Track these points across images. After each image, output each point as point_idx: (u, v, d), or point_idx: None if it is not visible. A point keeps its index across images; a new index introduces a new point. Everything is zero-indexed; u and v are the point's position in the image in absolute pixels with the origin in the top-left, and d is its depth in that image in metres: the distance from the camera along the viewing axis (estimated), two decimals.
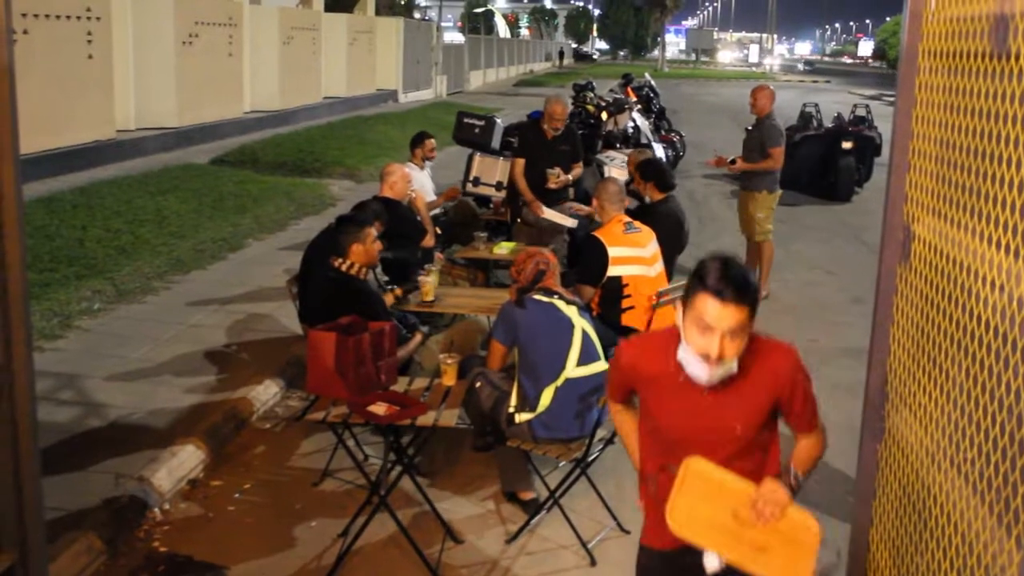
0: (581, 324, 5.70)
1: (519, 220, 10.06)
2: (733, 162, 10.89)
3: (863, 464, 3.84)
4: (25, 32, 14.13)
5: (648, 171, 9.27)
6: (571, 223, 9.76)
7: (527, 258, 5.88)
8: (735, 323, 3.11)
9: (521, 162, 9.95)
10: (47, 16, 14.61)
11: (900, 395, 3.62)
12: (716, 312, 3.11)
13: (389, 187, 8.32)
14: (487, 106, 27.96)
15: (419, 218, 8.81)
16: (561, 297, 5.79)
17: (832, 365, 8.44)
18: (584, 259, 7.57)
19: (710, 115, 13.31)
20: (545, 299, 5.72)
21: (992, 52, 2.84)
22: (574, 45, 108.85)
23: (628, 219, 7.58)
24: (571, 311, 5.72)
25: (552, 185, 9.75)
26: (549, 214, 9.70)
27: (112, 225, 11.28)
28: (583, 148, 10.50)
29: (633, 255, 7.32)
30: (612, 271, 7.25)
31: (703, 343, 3.15)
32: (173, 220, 12.03)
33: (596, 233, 7.47)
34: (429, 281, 7.38)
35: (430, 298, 7.37)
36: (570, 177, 9.93)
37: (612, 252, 7.25)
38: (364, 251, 6.33)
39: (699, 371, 3.21)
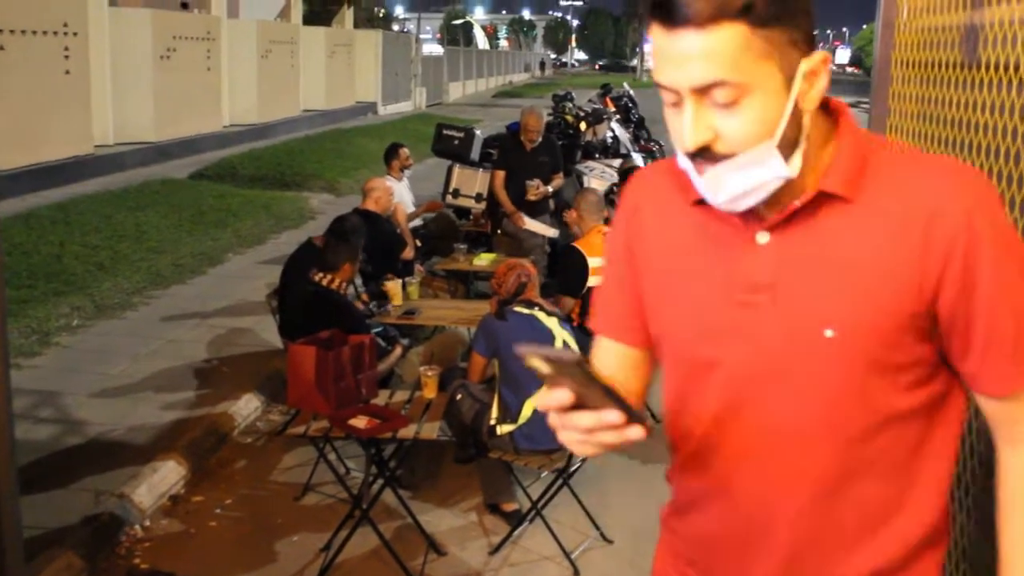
0: (562, 335, 5.71)
1: (499, 231, 10.09)
2: None
3: None
4: (1, 48, 14.09)
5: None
6: (553, 233, 9.80)
7: (508, 270, 5.89)
8: (714, 64, 1.55)
9: (501, 174, 9.97)
10: (23, 32, 14.57)
11: None
12: (668, 50, 1.60)
13: (374, 201, 8.33)
14: (466, 118, 28.01)
15: (399, 230, 8.82)
16: (542, 309, 5.81)
17: None
18: (564, 270, 7.58)
19: None
20: (526, 311, 5.73)
21: (963, 62, 2.87)
22: (553, 56, 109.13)
23: (607, 228, 7.60)
24: (552, 322, 5.73)
25: (531, 197, 9.78)
26: (531, 224, 9.73)
27: (91, 241, 11.25)
28: (563, 159, 10.53)
29: None
30: (592, 282, 7.27)
31: (675, 126, 1.71)
32: (152, 235, 11.99)
33: (576, 244, 7.49)
34: (391, 286, 7.44)
35: (397, 302, 7.39)
36: (550, 188, 9.95)
37: (592, 263, 7.27)
38: (353, 269, 6.40)
39: (698, 187, 1.71)
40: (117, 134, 18.50)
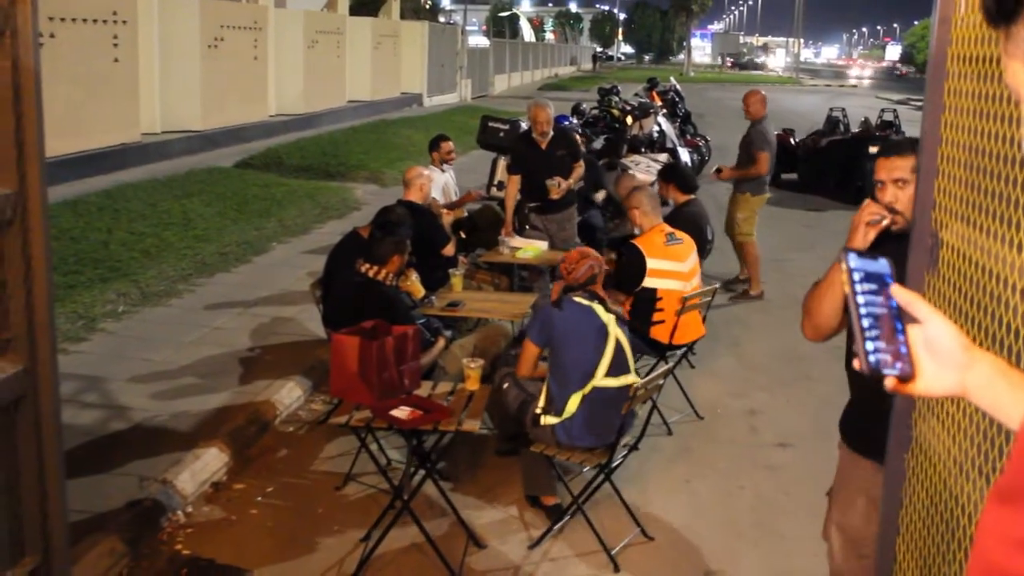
0: (616, 333, 5.68)
1: (527, 227, 9.96)
2: (719, 171, 10.95)
3: (890, 473, 3.82)
4: (52, 36, 14.24)
5: (670, 174, 9.29)
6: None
7: (581, 258, 5.84)
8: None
9: (516, 179, 9.69)
10: (73, 20, 14.73)
11: (927, 403, 3.60)
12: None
13: (418, 189, 8.30)
14: (512, 110, 27.96)
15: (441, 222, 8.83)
16: (602, 302, 5.77)
17: None
18: (621, 264, 7.58)
19: (736, 119, 13.25)
20: (585, 302, 5.71)
21: None
22: (599, 49, 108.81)
23: (670, 229, 7.55)
24: (609, 319, 5.70)
25: (554, 195, 9.49)
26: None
27: (137, 228, 11.35)
28: (580, 147, 10.22)
29: (672, 269, 7.32)
30: (648, 282, 7.27)
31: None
32: (198, 223, 12.09)
33: (637, 242, 7.45)
34: (457, 274, 7.47)
35: (458, 290, 7.41)
36: (571, 181, 9.64)
37: (651, 264, 7.25)
38: (401, 262, 6.40)
39: None
40: (164, 122, 18.67)
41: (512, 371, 5.90)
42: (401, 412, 5.22)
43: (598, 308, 5.71)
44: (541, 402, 5.63)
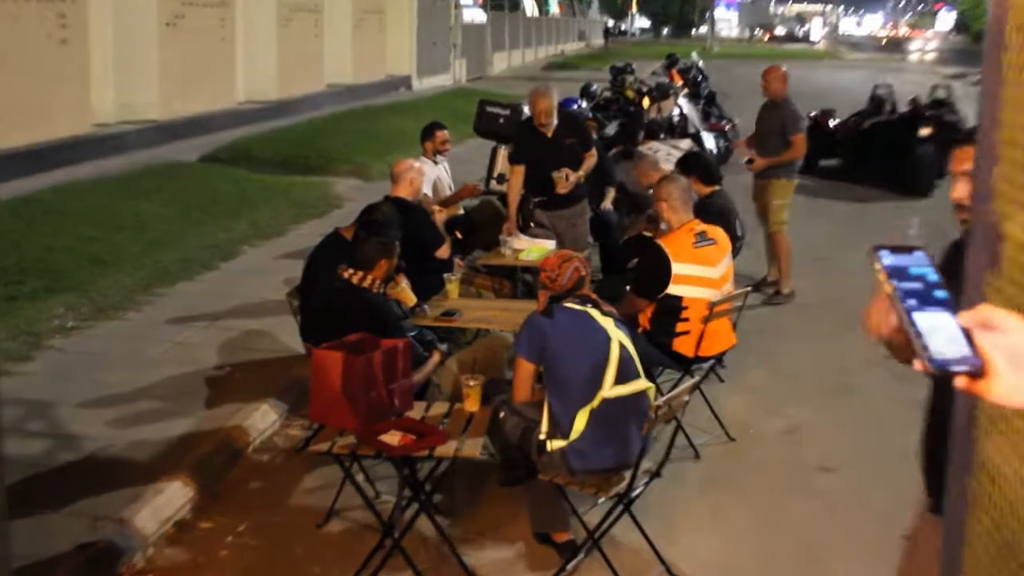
0: (618, 337, 5.68)
1: (532, 224, 9.94)
2: (750, 162, 10.97)
3: (952, 498, 3.79)
4: None
5: (690, 163, 9.27)
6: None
7: (562, 262, 5.85)
8: None
9: (519, 170, 9.63)
10: None
11: (991, 419, 3.57)
12: None
13: (408, 184, 8.30)
14: (513, 93, 27.95)
15: (434, 221, 8.82)
16: (596, 306, 5.77)
17: (909, 382, 8.36)
18: (643, 268, 7.57)
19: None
20: (578, 307, 5.70)
21: None
22: (611, 23, 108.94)
23: (701, 227, 7.50)
24: (607, 322, 5.70)
25: (562, 190, 9.40)
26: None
27: (88, 231, 11.34)
28: (591, 134, 10.16)
29: (700, 275, 7.27)
30: (673, 290, 7.23)
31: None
32: (157, 225, 12.08)
33: (662, 242, 7.42)
34: (453, 280, 7.43)
35: (454, 297, 7.39)
36: (581, 173, 9.57)
37: (677, 268, 7.22)
38: (389, 266, 6.40)
39: None
40: (119, 111, 18.65)
41: (507, 398, 5.88)
42: (391, 437, 5.21)
43: (593, 312, 5.71)
44: (544, 426, 5.60)
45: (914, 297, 1.73)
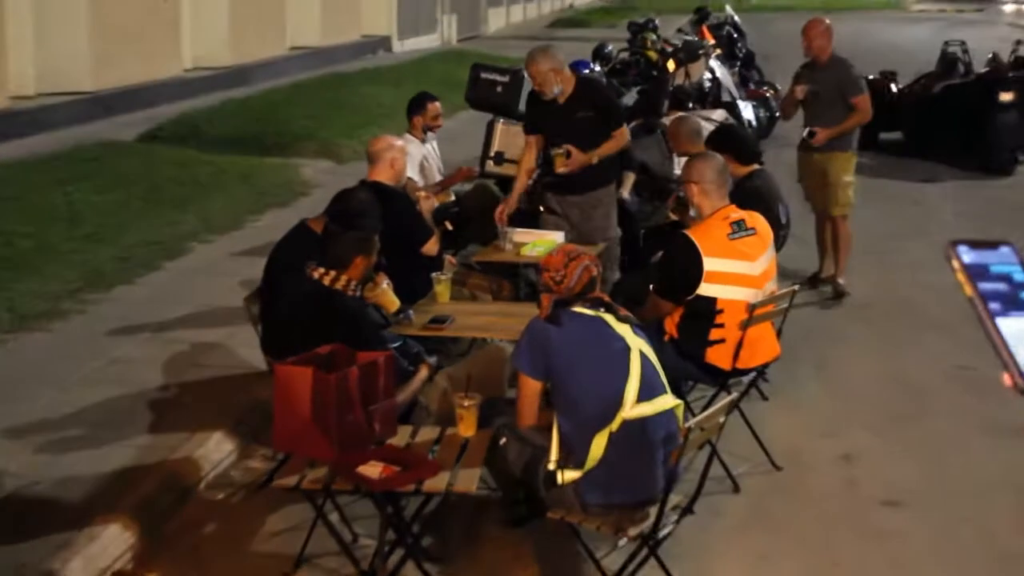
0: (639, 345, 5.68)
1: (543, 209, 9.90)
2: (812, 135, 10.94)
3: None
4: None
5: (724, 138, 9.22)
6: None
7: (568, 260, 5.81)
8: None
9: (534, 141, 9.64)
10: None
11: None
12: None
13: (388, 165, 8.28)
14: (512, 56, 27.93)
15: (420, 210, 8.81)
16: (610, 309, 5.75)
17: (992, 401, 8.37)
18: (670, 264, 7.54)
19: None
20: (590, 312, 5.68)
21: None
22: None
23: (738, 215, 7.42)
24: (624, 329, 5.69)
25: (560, 169, 9.27)
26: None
27: (5, 225, 11.33)
28: (620, 108, 10.11)
29: (737, 271, 7.20)
30: (704, 290, 7.17)
31: None
32: (89, 217, 12.07)
33: (691, 233, 7.36)
34: (443, 280, 7.44)
35: (444, 300, 7.39)
36: (593, 155, 9.31)
37: (709, 264, 7.14)
38: (367, 264, 6.39)
39: None
40: (41, 82, 18.61)
41: (509, 421, 5.87)
42: (371, 469, 5.21)
43: (609, 318, 5.69)
44: (553, 454, 5.58)
45: (999, 300, 1.72)
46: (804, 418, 8.35)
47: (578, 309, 5.70)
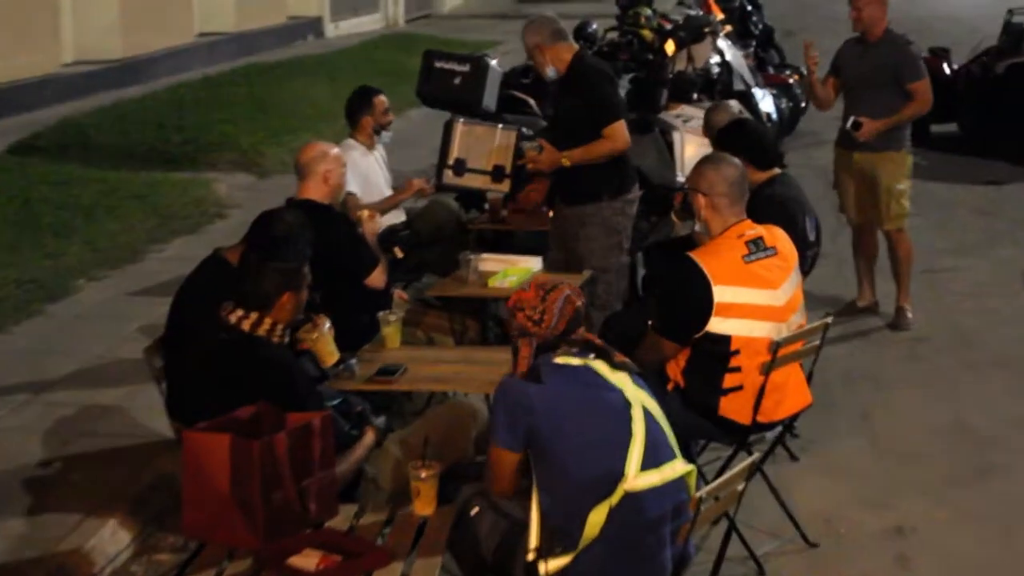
0: (640, 399, 5.66)
1: (552, 213, 9.95)
2: (857, 126, 10.90)
3: None
4: None
5: (736, 139, 9.17)
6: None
7: (545, 293, 5.79)
8: None
9: None
10: None
11: None
12: None
13: (321, 180, 8.28)
14: (473, 39, 28.05)
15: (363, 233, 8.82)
16: (603, 355, 5.75)
17: None
18: (670, 295, 7.50)
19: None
20: (576, 361, 5.67)
21: None
22: None
23: (755, 231, 7.36)
24: (622, 379, 5.68)
25: (530, 166, 9.69)
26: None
27: None
28: (615, 101, 10.09)
29: (756, 302, 7.14)
30: (716, 326, 7.14)
31: None
32: None
33: (696, 256, 7.31)
34: (392, 320, 7.44)
35: (395, 344, 7.37)
36: (564, 159, 9.47)
37: (720, 295, 7.10)
38: (297, 303, 6.36)
39: None
40: None
41: (482, 489, 5.87)
42: (306, 559, 5.21)
43: (600, 367, 5.68)
44: (533, 540, 5.56)
45: None
46: (843, 482, 8.37)
47: (562, 359, 5.66)
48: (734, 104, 11.86)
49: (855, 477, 8.44)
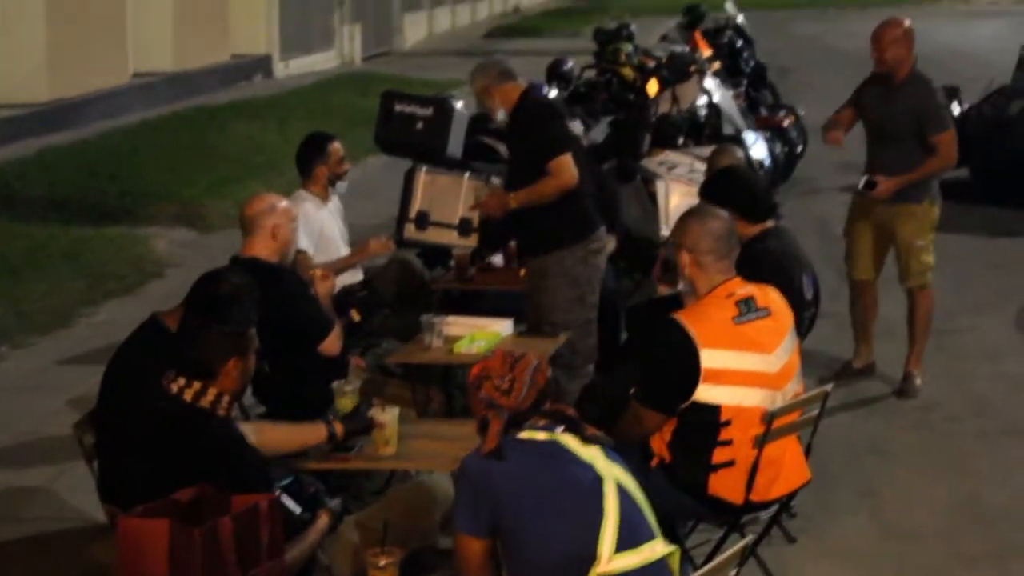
0: (614, 475, 5.67)
1: (523, 268, 10.03)
2: (871, 185, 10.88)
3: None
4: None
5: (725, 189, 9.17)
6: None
7: (513, 362, 5.81)
8: None
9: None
10: None
11: None
12: None
13: (269, 235, 8.26)
14: (437, 79, 28.13)
15: (314, 293, 8.81)
16: (572, 428, 5.74)
17: None
18: (654, 359, 7.46)
19: (851, 73, 12.85)
20: (543, 436, 5.67)
21: None
22: None
23: (745, 290, 7.34)
24: (593, 454, 5.68)
25: (481, 211, 9.93)
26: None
27: None
28: (555, 132, 10.07)
29: (748, 367, 7.12)
30: (704, 394, 7.12)
31: None
32: None
33: (682, 317, 7.31)
34: (348, 391, 7.44)
35: (391, 450, 7.32)
36: (511, 200, 9.66)
37: (708, 359, 7.08)
38: (244, 370, 6.34)
39: None
40: None
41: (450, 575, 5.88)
42: None
43: (569, 441, 5.68)
44: None
45: None
46: (846, 566, 8.37)
47: (526, 434, 5.66)
48: (739, 150, 11.90)
49: (858, 560, 8.44)
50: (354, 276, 10.41)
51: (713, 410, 7.05)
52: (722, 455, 7.13)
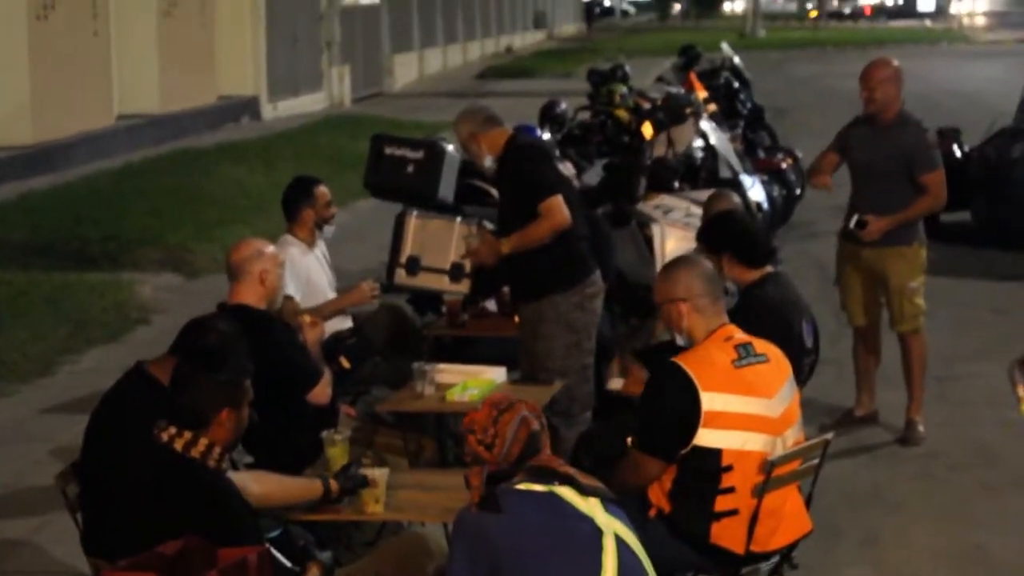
0: (613, 528, 5.65)
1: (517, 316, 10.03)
2: (862, 225, 10.86)
3: None
4: None
5: (722, 234, 9.14)
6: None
7: (498, 414, 5.77)
8: None
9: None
10: None
11: None
12: None
13: (257, 281, 8.25)
14: (428, 120, 28.14)
15: (303, 342, 8.79)
16: (569, 481, 5.72)
17: None
18: (653, 404, 7.41)
19: (849, 114, 12.88)
20: (540, 487, 5.65)
21: None
22: None
23: (743, 337, 7.30)
24: (592, 507, 5.66)
25: (472, 259, 9.96)
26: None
27: None
28: (544, 176, 10.07)
29: (750, 411, 7.06)
30: (704, 439, 7.08)
31: None
32: None
33: (681, 360, 7.28)
34: (338, 440, 7.40)
35: (380, 508, 7.25)
36: (503, 246, 9.61)
37: (709, 402, 7.02)
38: (237, 422, 6.31)
39: None
40: None
41: None
42: None
43: (567, 493, 5.65)
44: None
45: None
46: None
47: (523, 486, 5.64)
48: (735, 194, 11.90)
49: None
50: (343, 323, 10.38)
51: (714, 455, 6.97)
52: (725, 503, 7.06)
